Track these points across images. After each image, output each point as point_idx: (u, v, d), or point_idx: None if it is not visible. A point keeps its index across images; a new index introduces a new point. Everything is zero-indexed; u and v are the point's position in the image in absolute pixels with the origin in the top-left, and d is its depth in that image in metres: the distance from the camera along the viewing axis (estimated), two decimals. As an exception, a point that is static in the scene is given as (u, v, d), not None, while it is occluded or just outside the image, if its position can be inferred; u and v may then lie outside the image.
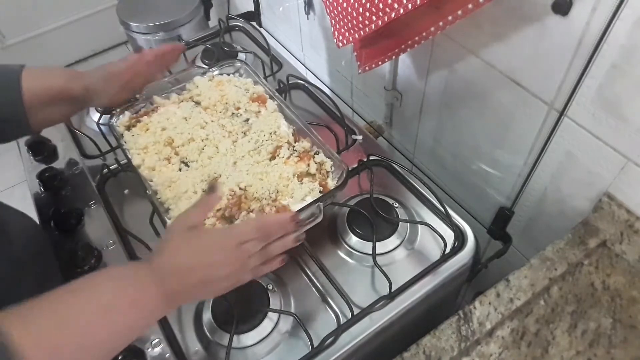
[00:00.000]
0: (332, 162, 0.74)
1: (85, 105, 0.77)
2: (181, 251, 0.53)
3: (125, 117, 0.82)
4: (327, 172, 0.73)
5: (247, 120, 0.81)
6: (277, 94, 0.84)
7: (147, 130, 0.80)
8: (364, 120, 1.21)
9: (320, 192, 0.70)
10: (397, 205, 0.78)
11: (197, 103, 0.85)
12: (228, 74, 0.90)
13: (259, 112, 0.82)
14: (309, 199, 0.68)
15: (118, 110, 0.82)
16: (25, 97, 0.67)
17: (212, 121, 0.81)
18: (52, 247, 0.75)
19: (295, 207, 0.67)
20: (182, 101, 0.85)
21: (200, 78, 0.88)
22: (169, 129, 0.79)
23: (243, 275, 0.56)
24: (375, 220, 0.74)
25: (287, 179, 0.72)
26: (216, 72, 0.90)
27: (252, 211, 0.68)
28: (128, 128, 0.81)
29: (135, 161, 0.75)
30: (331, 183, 0.72)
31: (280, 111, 0.82)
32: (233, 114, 0.83)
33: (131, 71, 0.77)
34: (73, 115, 0.78)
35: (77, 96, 0.72)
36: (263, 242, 0.56)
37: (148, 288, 0.50)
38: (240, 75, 0.90)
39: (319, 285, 0.70)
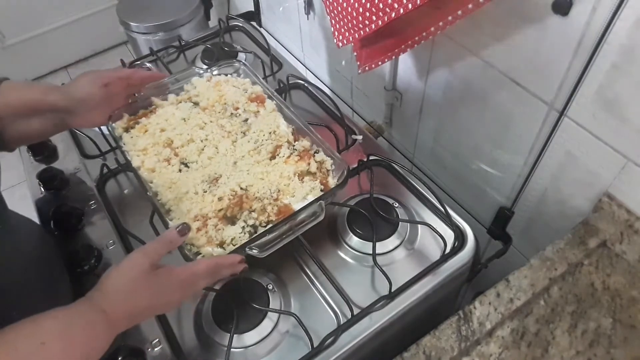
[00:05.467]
0: (332, 161, 0.74)
1: (64, 119, 0.72)
2: (139, 295, 0.53)
3: (123, 119, 0.82)
4: (328, 170, 0.73)
5: (246, 120, 0.81)
6: (275, 93, 0.84)
7: (145, 131, 0.79)
8: (364, 120, 1.21)
9: (321, 190, 0.70)
10: (397, 205, 0.78)
11: (196, 104, 0.84)
12: (226, 74, 0.90)
13: (258, 111, 0.82)
14: (311, 198, 0.68)
15: (115, 112, 0.81)
16: None
17: (211, 121, 0.81)
18: (56, 249, 0.74)
19: (297, 206, 0.68)
20: (180, 102, 0.85)
21: (198, 79, 0.88)
22: (168, 130, 0.79)
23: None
24: (375, 220, 0.74)
25: (288, 178, 0.72)
26: (215, 72, 0.90)
27: (253, 211, 0.68)
28: (126, 130, 0.81)
29: (135, 163, 0.75)
30: (332, 181, 0.72)
31: (279, 111, 0.82)
32: (232, 114, 0.83)
33: (115, 86, 0.75)
34: (51, 133, 0.75)
35: (56, 107, 0.69)
36: (213, 278, 0.60)
37: (99, 339, 0.49)
38: (239, 76, 0.90)
39: (319, 285, 0.70)
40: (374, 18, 0.70)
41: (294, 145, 0.77)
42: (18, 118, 0.68)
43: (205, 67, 0.91)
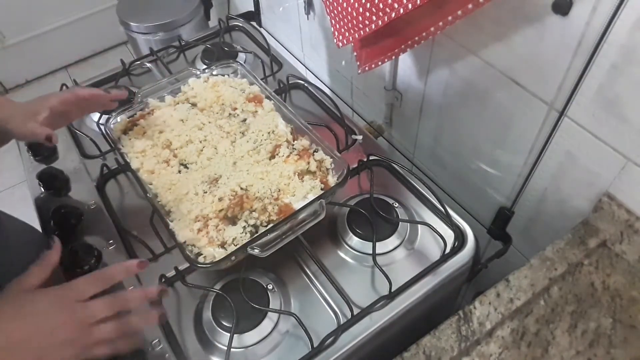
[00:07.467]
0: (331, 159, 0.74)
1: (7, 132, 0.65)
2: (13, 320, 0.45)
3: (121, 121, 0.82)
4: (327, 169, 0.73)
5: (245, 120, 0.81)
6: (273, 93, 0.84)
7: (144, 133, 0.79)
8: (364, 120, 1.21)
9: (321, 189, 0.70)
10: (397, 205, 0.78)
11: (193, 105, 0.84)
12: (223, 75, 0.90)
13: (256, 111, 0.82)
14: (311, 197, 0.68)
15: (114, 114, 0.81)
16: None
17: (209, 122, 0.81)
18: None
19: (298, 205, 0.68)
20: (178, 103, 0.85)
21: (194, 80, 0.88)
22: (166, 132, 0.79)
23: (90, 345, 0.48)
24: (375, 220, 0.74)
25: (288, 177, 0.72)
26: (215, 72, 0.89)
27: (254, 210, 0.68)
28: (124, 132, 0.81)
29: (134, 165, 0.74)
30: (332, 180, 0.72)
31: (277, 110, 0.82)
32: (230, 114, 0.83)
33: (63, 105, 0.70)
34: None
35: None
36: (112, 304, 0.50)
37: None
38: (236, 76, 0.90)
39: (319, 285, 0.70)
40: (374, 18, 0.70)
41: (293, 145, 0.77)
42: None
43: (203, 67, 0.91)
